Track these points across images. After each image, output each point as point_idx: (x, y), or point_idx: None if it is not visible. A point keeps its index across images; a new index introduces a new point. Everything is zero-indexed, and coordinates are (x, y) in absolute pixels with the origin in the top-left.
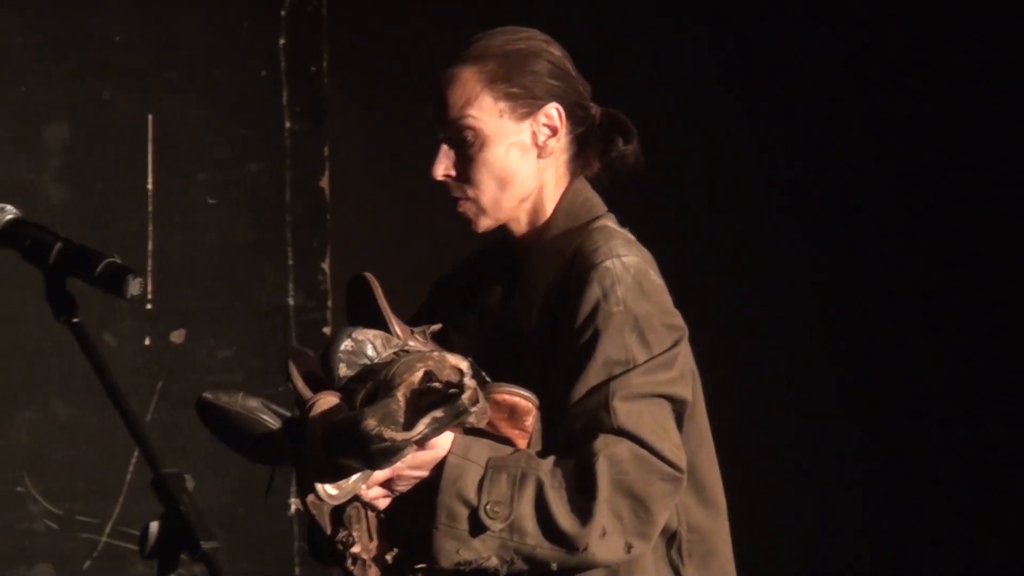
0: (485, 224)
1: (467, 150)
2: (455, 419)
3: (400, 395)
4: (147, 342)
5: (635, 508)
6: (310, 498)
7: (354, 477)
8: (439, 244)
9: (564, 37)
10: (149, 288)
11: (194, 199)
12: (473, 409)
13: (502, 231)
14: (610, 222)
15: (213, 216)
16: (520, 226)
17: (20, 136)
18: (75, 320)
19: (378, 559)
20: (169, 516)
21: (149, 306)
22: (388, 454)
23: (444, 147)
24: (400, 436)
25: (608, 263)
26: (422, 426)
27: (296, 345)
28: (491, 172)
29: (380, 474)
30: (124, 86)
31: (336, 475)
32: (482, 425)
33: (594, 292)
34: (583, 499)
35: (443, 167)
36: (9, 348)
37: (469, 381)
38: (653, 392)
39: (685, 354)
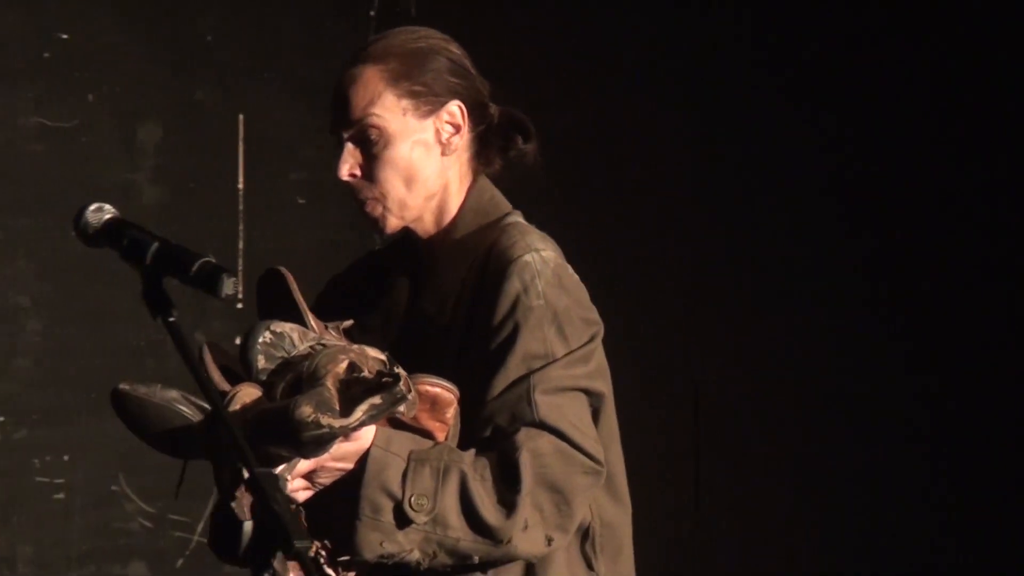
0: (393, 224)
1: (371, 149)
2: (392, 406)
3: (330, 383)
4: (238, 341)
5: (556, 501)
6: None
7: (279, 468)
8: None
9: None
10: (240, 288)
11: (284, 199)
12: (409, 397)
13: (402, 231)
14: (519, 219)
15: (303, 216)
16: (425, 226)
17: (116, 136)
18: (171, 319)
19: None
20: (263, 515)
21: (240, 305)
22: (322, 441)
23: (348, 147)
24: (337, 423)
25: (527, 257)
26: (360, 412)
27: (210, 341)
28: (397, 170)
29: (302, 466)
30: (216, 86)
31: (261, 463)
32: (411, 415)
33: (514, 286)
34: (507, 492)
35: (348, 167)
36: (104, 347)
37: (400, 370)
38: (572, 386)
39: (600, 349)
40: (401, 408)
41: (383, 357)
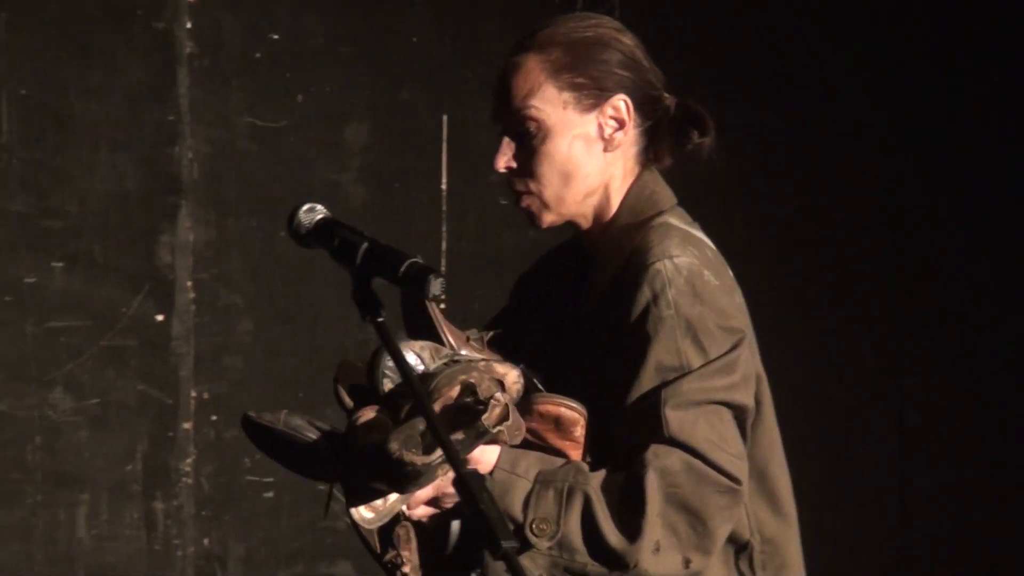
0: (548, 220)
1: (529, 142)
2: (476, 441)
3: (436, 412)
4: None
5: (691, 522)
6: (356, 516)
7: (392, 498)
8: (750, 243)
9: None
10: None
11: (487, 200)
12: (496, 429)
13: (572, 227)
14: (673, 218)
15: (505, 217)
16: (587, 222)
17: (323, 136)
18: (380, 320)
19: None
20: (470, 515)
21: (443, 306)
22: (410, 478)
23: (506, 139)
24: (420, 460)
25: (659, 264)
26: (439, 450)
27: (347, 359)
28: (554, 165)
29: (424, 492)
30: (421, 87)
31: (371, 497)
32: (516, 442)
33: (644, 295)
34: (631, 514)
35: (505, 159)
36: (313, 347)
37: (500, 397)
38: (709, 399)
39: (747, 357)
40: (503, 437)
41: (510, 375)
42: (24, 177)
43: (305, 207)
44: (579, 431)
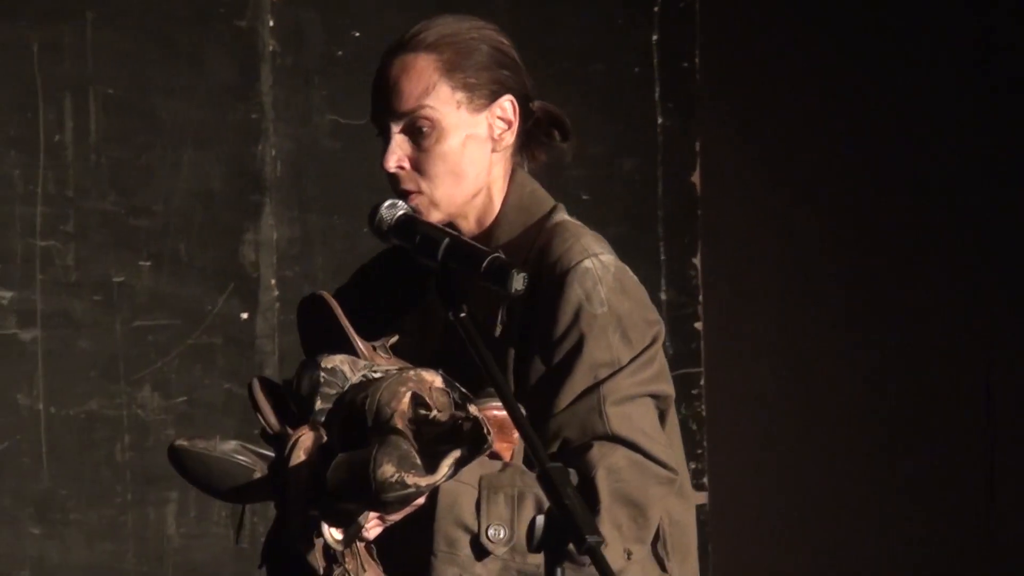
0: (436, 218)
1: (422, 141)
2: (477, 456)
3: (402, 429)
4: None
5: (633, 515)
6: (328, 537)
7: (360, 518)
8: (809, 238)
9: None
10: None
11: (568, 195)
12: (491, 442)
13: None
14: (564, 214)
15: (587, 212)
16: (468, 223)
17: None
18: (462, 314)
19: None
20: (554, 509)
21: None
22: (408, 500)
23: (397, 137)
24: (424, 481)
25: (587, 263)
26: (445, 468)
27: (260, 375)
28: (447, 165)
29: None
30: None
31: (339, 519)
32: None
33: (575, 294)
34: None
35: (396, 158)
36: None
37: (475, 410)
38: (640, 392)
39: (661, 349)
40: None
41: (436, 381)
42: (112, 176)
43: (387, 203)
44: (517, 434)
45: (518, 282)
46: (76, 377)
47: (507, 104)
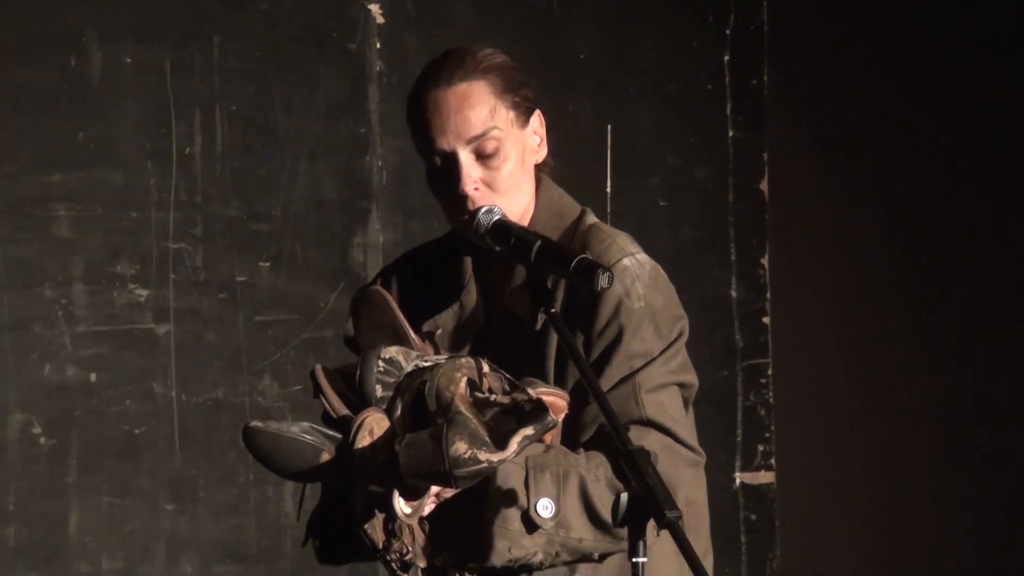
0: None
1: (491, 161)
2: (543, 434)
3: (465, 411)
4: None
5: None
6: (398, 510)
7: (426, 494)
8: (868, 239)
9: None
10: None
11: (647, 201)
12: (555, 419)
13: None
14: (594, 217)
15: (664, 216)
16: None
17: None
18: (552, 310)
19: (428, 564)
20: (637, 488)
21: None
22: (479, 476)
23: (467, 160)
24: (496, 457)
25: (625, 261)
26: (515, 445)
27: (322, 365)
28: (513, 180)
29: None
30: (587, 99)
31: (407, 494)
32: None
33: (615, 290)
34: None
35: (472, 181)
36: None
37: (533, 392)
38: (670, 381)
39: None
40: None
41: (485, 367)
42: (235, 185)
43: (484, 209)
44: (562, 417)
45: (604, 280)
46: (204, 368)
47: (538, 119)
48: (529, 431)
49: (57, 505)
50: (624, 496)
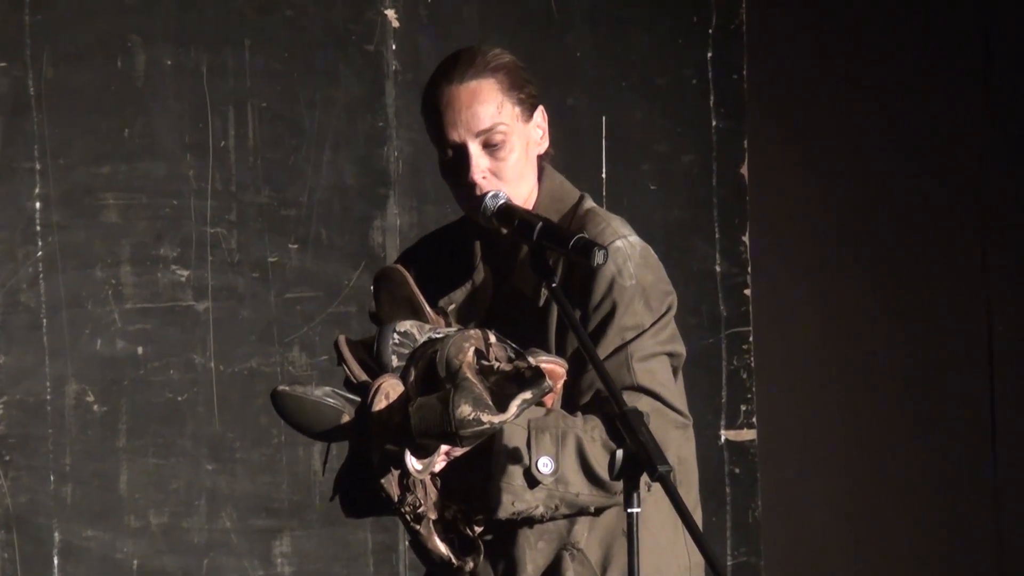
0: None
1: (498, 153)
2: (540, 398)
3: (471, 377)
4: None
5: None
6: (409, 466)
7: (436, 452)
8: (840, 219)
9: None
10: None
11: (639, 185)
12: (551, 385)
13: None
14: (591, 202)
15: (654, 199)
16: None
17: None
18: (553, 284)
19: (439, 517)
20: (631, 445)
21: None
22: (482, 436)
23: (476, 152)
24: (497, 419)
25: (619, 243)
26: (515, 408)
27: (345, 336)
28: (517, 170)
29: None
30: (584, 94)
31: (418, 452)
32: (547, 395)
33: (609, 269)
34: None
35: (480, 171)
36: None
37: (533, 360)
38: (660, 351)
39: (673, 316)
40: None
41: (493, 338)
42: (266, 174)
43: (490, 194)
44: (561, 383)
45: (599, 257)
46: (239, 340)
47: (541, 113)
48: (528, 395)
49: (109, 466)
50: (620, 452)
